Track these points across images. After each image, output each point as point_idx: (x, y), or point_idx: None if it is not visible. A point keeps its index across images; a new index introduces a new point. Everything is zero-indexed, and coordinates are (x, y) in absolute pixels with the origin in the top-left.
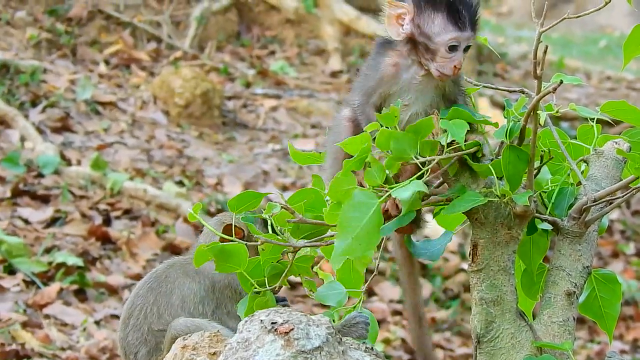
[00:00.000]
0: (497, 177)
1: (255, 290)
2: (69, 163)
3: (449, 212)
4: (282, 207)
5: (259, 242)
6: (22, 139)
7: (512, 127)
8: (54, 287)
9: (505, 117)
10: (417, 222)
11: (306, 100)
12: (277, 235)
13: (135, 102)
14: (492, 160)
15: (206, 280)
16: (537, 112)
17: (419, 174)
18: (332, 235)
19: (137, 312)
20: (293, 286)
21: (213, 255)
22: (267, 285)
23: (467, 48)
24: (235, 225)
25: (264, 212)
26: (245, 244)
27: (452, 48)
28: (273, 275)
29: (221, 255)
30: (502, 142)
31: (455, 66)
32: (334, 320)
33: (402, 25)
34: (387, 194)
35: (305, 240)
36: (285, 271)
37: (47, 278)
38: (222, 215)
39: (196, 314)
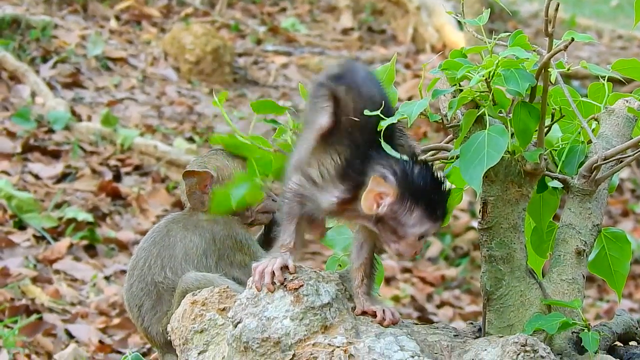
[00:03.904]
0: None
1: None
2: (79, 119)
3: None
4: (293, 133)
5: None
6: (33, 95)
7: None
8: (64, 242)
9: None
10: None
11: (317, 58)
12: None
13: (146, 59)
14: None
15: (206, 233)
16: (548, 69)
17: None
18: None
19: (141, 264)
20: None
21: (223, 142)
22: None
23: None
24: (202, 171)
25: (274, 137)
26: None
27: (421, 237)
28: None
29: (232, 144)
30: (513, 99)
31: (415, 252)
32: (340, 266)
33: (379, 205)
34: None
35: None
36: None
37: (57, 233)
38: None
39: (200, 267)
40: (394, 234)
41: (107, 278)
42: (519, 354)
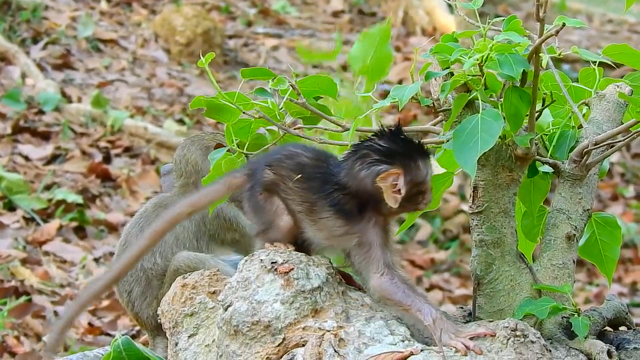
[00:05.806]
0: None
1: (232, 148)
2: (69, 100)
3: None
4: (290, 85)
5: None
6: (23, 76)
7: None
8: (54, 224)
9: None
10: None
11: (307, 40)
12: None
13: (137, 40)
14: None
15: (196, 216)
16: (539, 54)
17: None
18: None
19: None
20: None
21: (206, 105)
22: (245, 150)
23: None
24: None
25: (271, 85)
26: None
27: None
28: (255, 144)
29: (213, 107)
30: (504, 83)
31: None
32: None
33: (400, 190)
34: None
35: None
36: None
37: (46, 215)
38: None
39: (191, 250)
40: (418, 196)
41: (96, 260)
42: (509, 339)
